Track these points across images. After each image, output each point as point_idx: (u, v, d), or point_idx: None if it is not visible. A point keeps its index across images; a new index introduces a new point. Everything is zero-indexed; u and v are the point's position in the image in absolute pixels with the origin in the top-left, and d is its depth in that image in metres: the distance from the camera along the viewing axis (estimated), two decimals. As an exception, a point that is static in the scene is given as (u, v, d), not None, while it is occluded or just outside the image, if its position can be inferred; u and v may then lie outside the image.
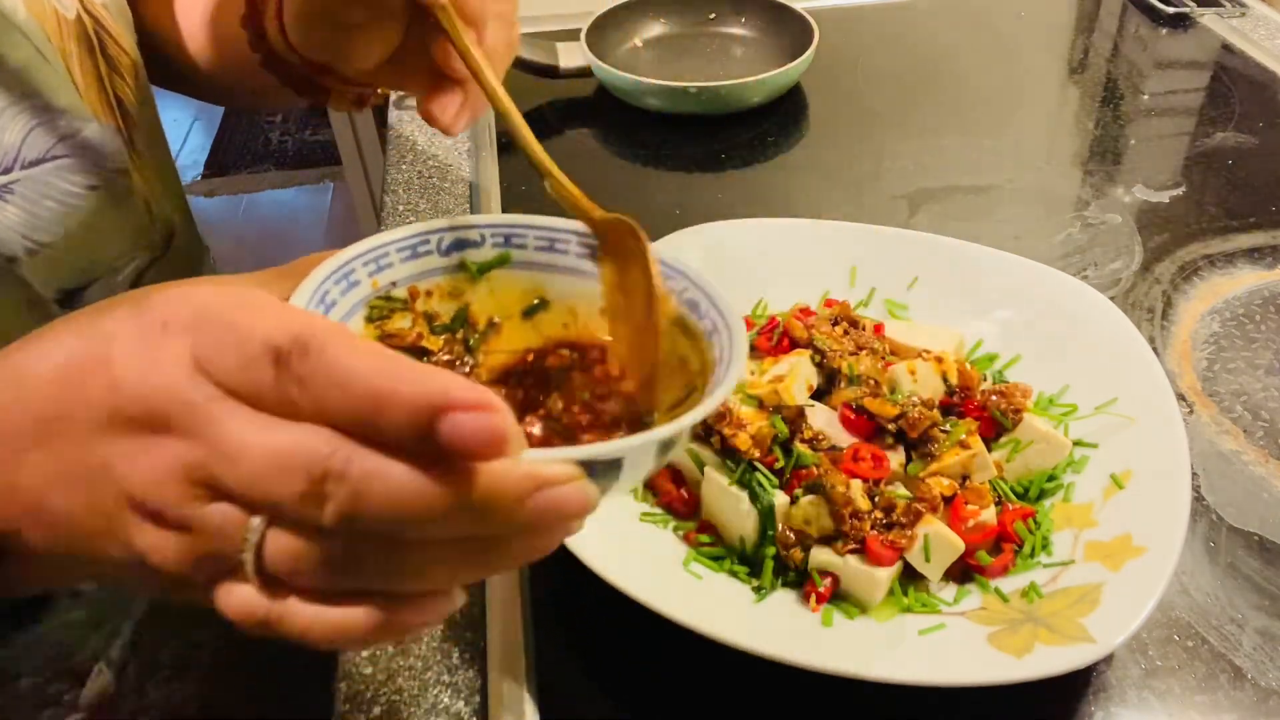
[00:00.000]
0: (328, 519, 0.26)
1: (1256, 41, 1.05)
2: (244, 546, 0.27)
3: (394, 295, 0.40)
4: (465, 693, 0.51)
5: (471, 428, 0.25)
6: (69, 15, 0.51)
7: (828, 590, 0.51)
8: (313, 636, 0.28)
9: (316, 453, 0.26)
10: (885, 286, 0.67)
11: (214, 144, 3.01)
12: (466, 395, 0.25)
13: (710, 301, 0.39)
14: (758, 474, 0.53)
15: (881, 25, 1.13)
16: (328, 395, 0.26)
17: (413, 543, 0.27)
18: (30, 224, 0.49)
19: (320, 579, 0.27)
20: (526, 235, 0.42)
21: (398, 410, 0.25)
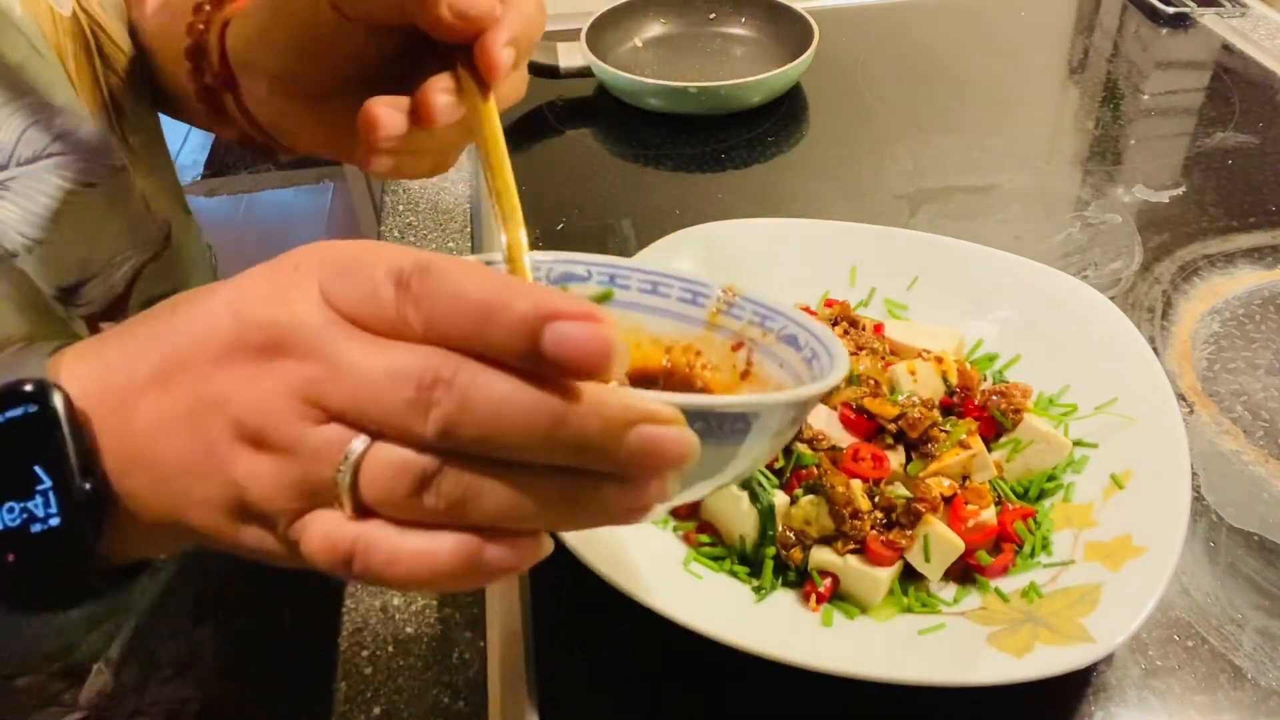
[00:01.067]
0: (431, 428, 0.26)
1: (1256, 41, 1.05)
2: (342, 467, 0.27)
3: None
4: (465, 693, 0.51)
5: (576, 337, 0.25)
6: (64, 12, 0.51)
7: (828, 590, 0.51)
8: (397, 569, 0.27)
9: (427, 364, 0.26)
10: (885, 286, 0.67)
11: (214, 144, 3.01)
12: (574, 306, 0.26)
13: (810, 333, 0.40)
14: (758, 474, 0.53)
15: (881, 25, 1.13)
16: (443, 310, 0.27)
17: (510, 467, 0.27)
18: (27, 220, 0.49)
19: (414, 500, 0.27)
20: (631, 277, 0.43)
21: (507, 320, 0.26)
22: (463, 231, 0.82)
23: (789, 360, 0.40)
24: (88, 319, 0.54)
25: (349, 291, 0.28)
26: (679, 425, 0.27)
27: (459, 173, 0.89)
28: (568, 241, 0.79)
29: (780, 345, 0.41)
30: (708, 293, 0.43)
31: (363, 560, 0.28)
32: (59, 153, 0.50)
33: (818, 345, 0.40)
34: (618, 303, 0.43)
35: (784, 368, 0.41)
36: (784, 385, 0.40)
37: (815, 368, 0.39)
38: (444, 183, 0.88)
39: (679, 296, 0.43)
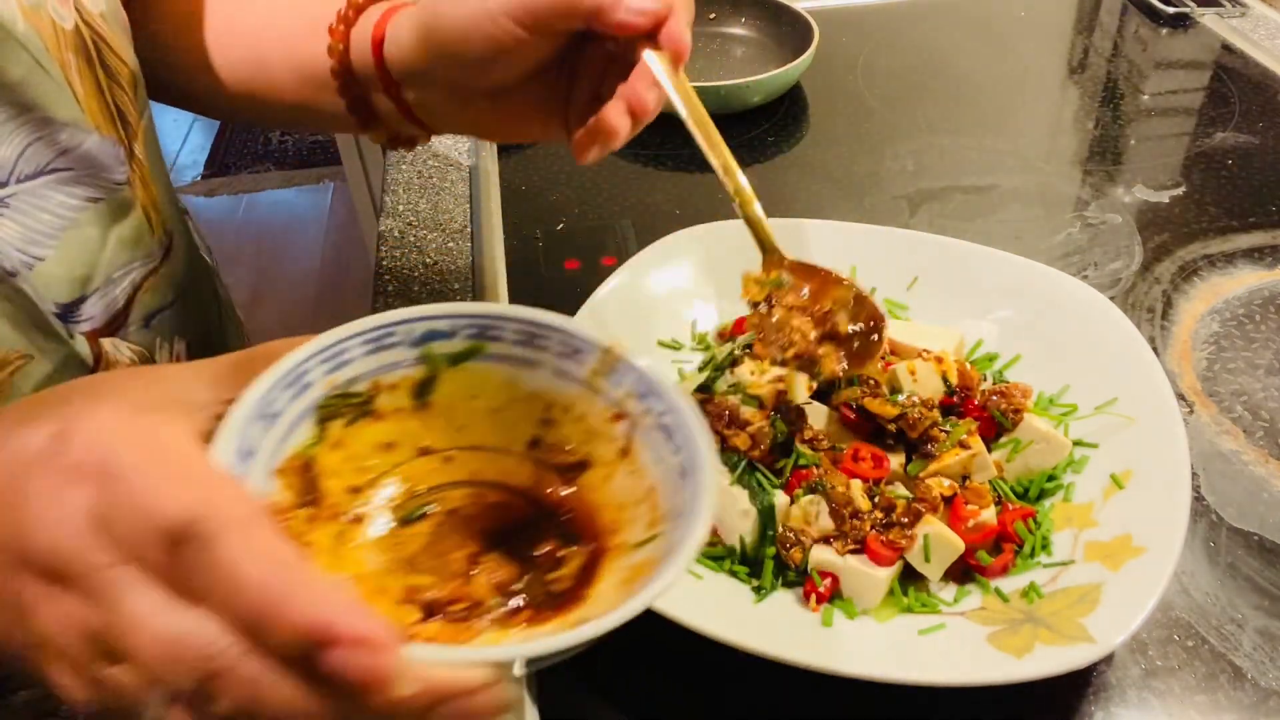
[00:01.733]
0: (219, 712, 0.26)
1: (1256, 41, 1.05)
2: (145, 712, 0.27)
3: (352, 391, 0.38)
4: (465, 693, 0.51)
5: (354, 666, 0.25)
6: (67, 26, 0.51)
7: (828, 590, 0.51)
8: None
9: (207, 648, 0.26)
10: (885, 286, 0.67)
11: (214, 144, 3.01)
12: (352, 629, 0.25)
13: (686, 434, 0.36)
14: (758, 474, 0.53)
15: (881, 25, 1.13)
16: (217, 595, 0.26)
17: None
18: (27, 238, 0.49)
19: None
20: (504, 327, 0.40)
21: (281, 631, 0.25)
22: (463, 231, 0.82)
23: (665, 458, 0.37)
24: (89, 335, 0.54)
25: (124, 530, 0.27)
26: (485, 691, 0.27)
27: (460, 172, 0.89)
28: (568, 241, 0.79)
29: (657, 434, 0.38)
30: (587, 350, 0.39)
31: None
32: (62, 168, 0.50)
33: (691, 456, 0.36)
34: (491, 355, 0.40)
35: (659, 465, 0.37)
36: (656, 487, 0.37)
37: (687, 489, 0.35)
38: (444, 183, 0.88)
39: (557, 350, 0.40)
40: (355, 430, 0.39)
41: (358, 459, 0.39)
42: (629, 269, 0.66)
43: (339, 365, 0.37)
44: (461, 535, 0.39)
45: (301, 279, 2.53)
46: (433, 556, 0.38)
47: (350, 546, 0.37)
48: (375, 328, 0.38)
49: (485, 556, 0.38)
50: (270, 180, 2.87)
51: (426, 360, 0.39)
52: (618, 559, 0.37)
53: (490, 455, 0.41)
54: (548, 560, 0.38)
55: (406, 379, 0.39)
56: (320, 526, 0.37)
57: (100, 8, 0.54)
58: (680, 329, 0.66)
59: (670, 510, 0.36)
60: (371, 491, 0.39)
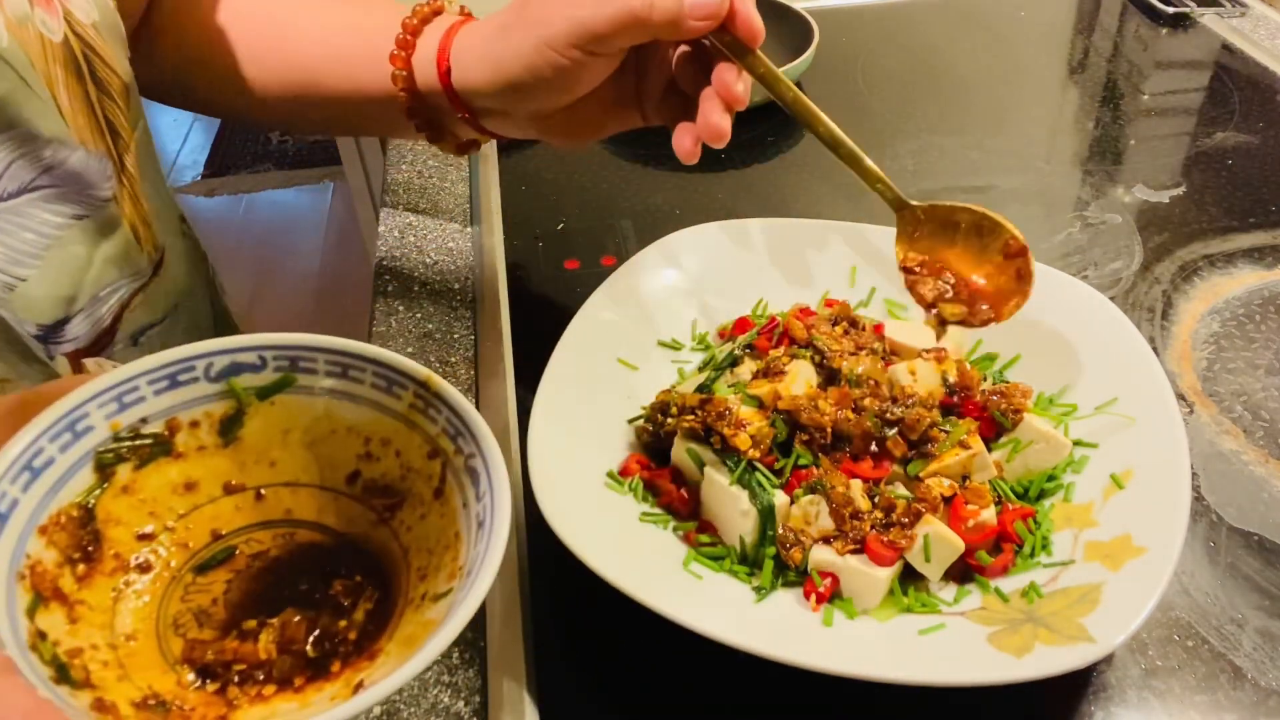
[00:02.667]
0: None
1: (1256, 41, 1.05)
2: None
3: (144, 433, 0.37)
4: (465, 693, 0.51)
5: None
6: (55, 39, 0.50)
7: (828, 590, 0.51)
8: None
9: None
10: (885, 286, 0.67)
11: (214, 144, 3.01)
12: None
13: (490, 482, 0.36)
14: (758, 474, 0.53)
15: (881, 25, 1.13)
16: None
17: None
18: (9, 258, 0.48)
19: None
20: (316, 358, 0.39)
21: None
22: (463, 232, 0.82)
23: (470, 504, 0.36)
24: (71, 356, 0.53)
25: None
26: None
27: (459, 172, 0.89)
28: (568, 241, 0.79)
29: (465, 478, 0.37)
30: (403, 383, 0.38)
31: None
32: (46, 185, 0.49)
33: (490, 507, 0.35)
34: (303, 388, 0.39)
35: (465, 511, 0.36)
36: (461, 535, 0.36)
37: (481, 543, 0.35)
38: (444, 183, 0.88)
39: (372, 383, 0.39)
40: (148, 472, 0.37)
41: (152, 502, 0.38)
42: (629, 269, 0.66)
43: (125, 406, 0.36)
44: (260, 584, 0.38)
45: (301, 279, 2.53)
46: (225, 608, 0.37)
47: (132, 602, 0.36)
48: (167, 364, 0.36)
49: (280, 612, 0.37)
50: (270, 180, 2.87)
51: (231, 394, 0.38)
52: (416, 612, 0.36)
53: (306, 491, 0.40)
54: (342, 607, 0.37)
55: (209, 415, 0.38)
56: (96, 582, 0.35)
57: (93, 18, 0.53)
58: (680, 329, 0.66)
59: (466, 564, 0.35)
60: (165, 536, 0.38)
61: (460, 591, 0.34)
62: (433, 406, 0.38)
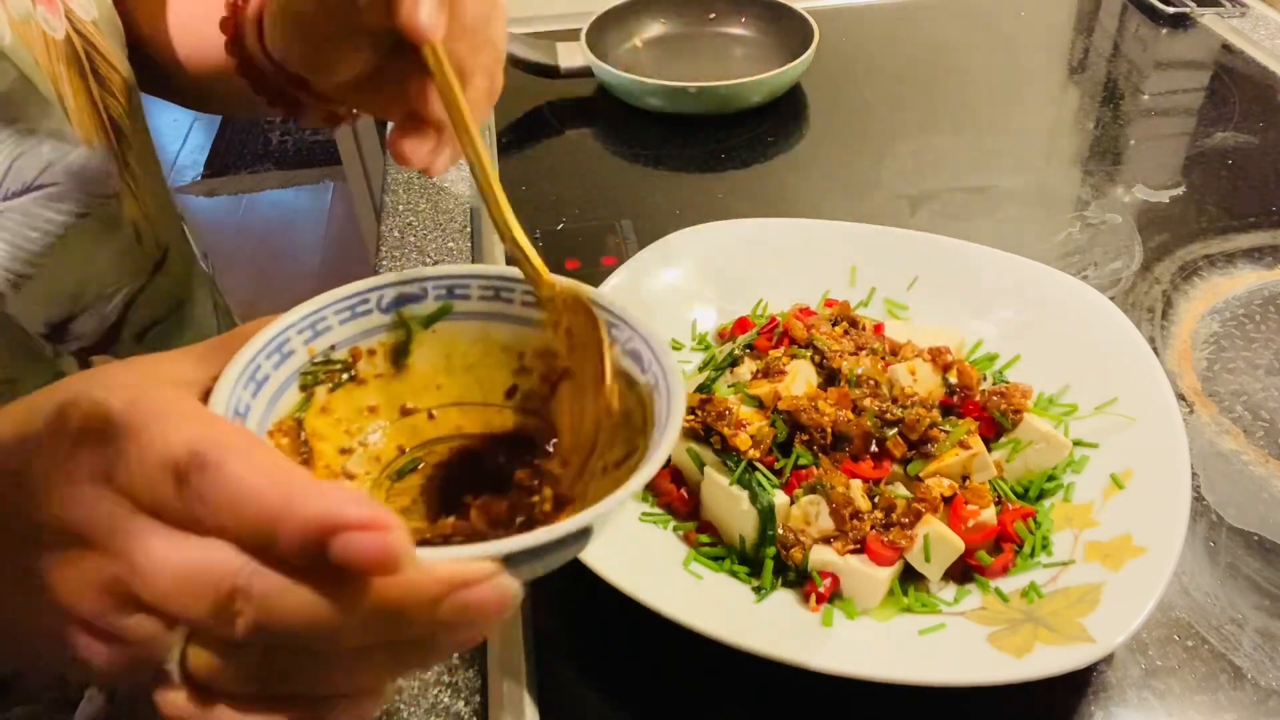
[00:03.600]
0: (240, 633, 0.26)
1: (1256, 41, 1.05)
2: (168, 657, 0.27)
3: (334, 358, 0.40)
4: (465, 693, 0.51)
5: (362, 547, 0.25)
6: (58, 36, 0.50)
7: (828, 590, 0.51)
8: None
9: (221, 570, 0.26)
10: (885, 286, 0.67)
11: (214, 144, 3.01)
12: (357, 514, 0.25)
13: (654, 355, 0.38)
14: (758, 474, 0.53)
15: (881, 25, 1.13)
16: (224, 514, 0.26)
17: (333, 651, 0.27)
18: (13, 256, 0.48)
19: (243, 686, 0.28)
20: (470, 285, 0.41)
21: (290, 531, 0.26)
22: (463, 232, 0.82)
23: (636, 380, 0.38)
24: (78, 354, 0.53)
25: (131, 479, 0.27)
26: (494, 578, 0.27)
27: (459, 171, 0.89)
28: (568, 241, 0.79)
29: (627, 360, 0.39)
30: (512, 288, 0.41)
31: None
32: (49, 183, 0.49)
33: (659, 374, 0.37)
34: (458, 314, 0.41)
35: (632, 390, 0.38)
36: (630, 410, 0.38)
37: (658, 404, 0.37)
38: (444, 183, 0.88)
39: (522, 300, 0.41)
40: (340, 395, 0.40)
41: (344, 422, 0.40)
42: (629, 269, 0.66)
43: (318, 334, 0.39)
44: (451, 483, 0.41)
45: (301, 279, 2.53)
46: (426, 505, 0.40)
47: None
48: (347, 296, 0.39)
49: (476, 498, 0.39)
50: (270, 180, 2.87)
51: (400, 324, 0.41)
52: (598, 480, 0.38)
53: (471, 409, 0.43)
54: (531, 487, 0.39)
55: (383, 344, 0.41)
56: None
57: (92, 15, 0.53)
58: (680, 329, 0.66)
59: (643, 423, 0.37)
60: (361, 451, 0.41)
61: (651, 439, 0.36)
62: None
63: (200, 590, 0.26)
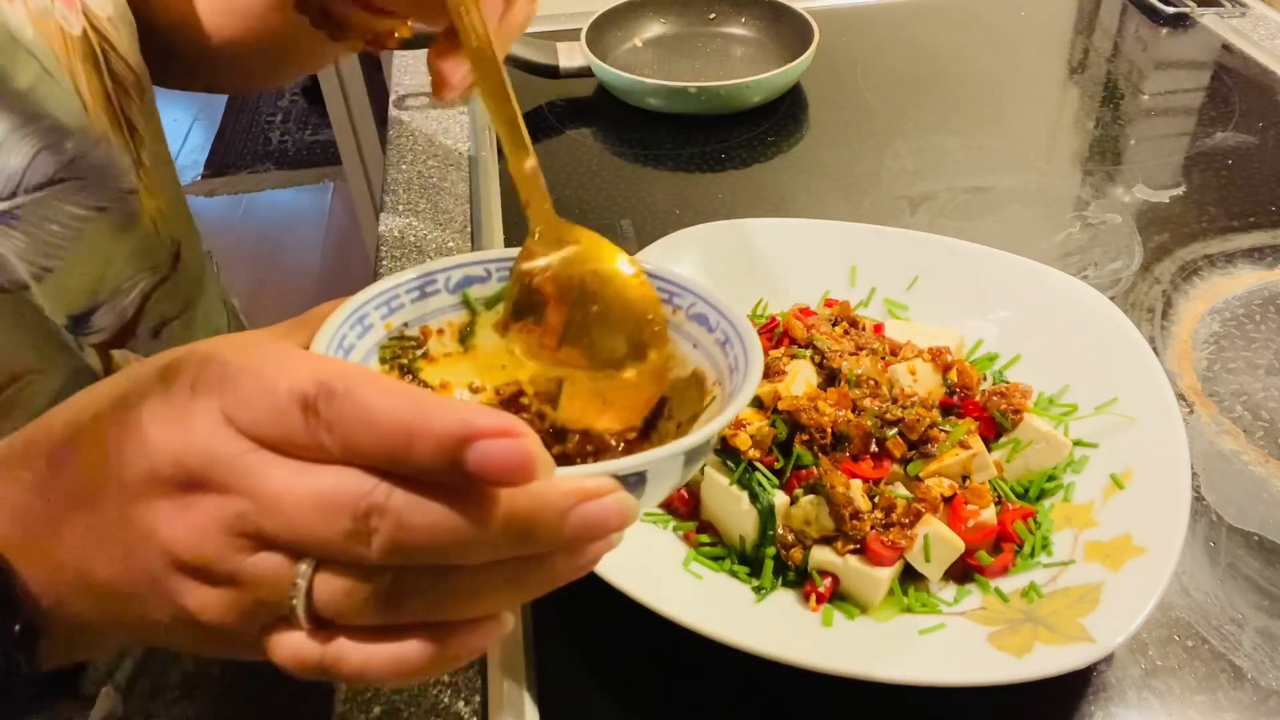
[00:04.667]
0: (375, 553, 0.26)
1: (1256, 41, 1.05)
2: (293, 593, 0.27)
3: (407, 335, 0.41)
4: (465, 693, 0.51)
5: (498, 454, 0.25)
6: (74, 32, 0.50)
7: (828, 590, 0.51)
8: (369, 675, 0.28)
9: (357, 490, 0.26)
10: (885, 286, 0.67)
11: (214, 144, 3.01)
12: (492, 423, 0.25)
13: (719, 313, 0.40)
14: (758, 474, 0.53)
15: (881, 25, 1.13)
16: (358, 435, 0.26)
17: (459, 570, 0.27)
18: (35, 249, 0.48)
19: (371, 615, 0.27)
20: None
21: (426, 443, 0.25)
22: (463, 232, 0.82)
23: (702, 341, 0.40)
24: (98, 347, 0.53)
25: (255, 415, 0.27)
26: (615, 494, 0.28)
27: (459, 172, 0.89)
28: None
29: (691, 324, 0.41)
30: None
31: (333, 672, 0.28)
32: (70, 177, 0.49)
33: (730, 329, 0.39)
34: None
35: (698, 348, 0.40)
36: (702, 367, 0.40)
37: (730, 355, 0.39)
38: (444, 182, 0.88)
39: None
40: (415, 370, 0.42)
41: None
42: (629, 269, 0.66)
43: (392, 310, 0.40)
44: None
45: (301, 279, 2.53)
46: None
47: None
48: (417, 276, 0.41)
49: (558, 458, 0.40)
50: (270, 180, 2.87)
51: (466, 305, 0.42)
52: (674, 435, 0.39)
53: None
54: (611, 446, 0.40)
55: (450, 324, 0.42)
56: None
57: (108, 11, 0.53)
58: (680, 329, 0.66)
59: (718, 378, 0.39)
60: None
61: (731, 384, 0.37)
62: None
63: (335, 511, 0.26)
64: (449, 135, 0.94)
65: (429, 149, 0.92)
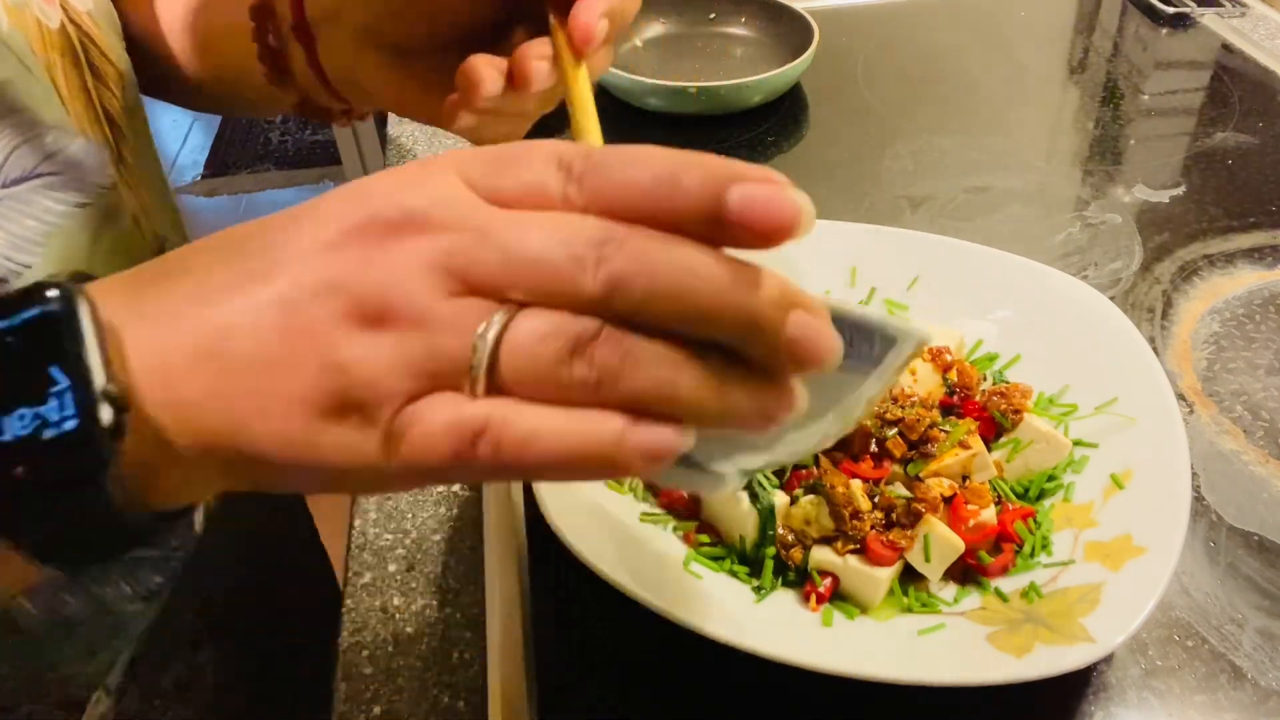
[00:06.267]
0: (597, 283, 0.24)
1: (1256, 41, 1.05)
2: (482, 336, 0.24)
3: None
4: (465, 693, 0.51)
5: (764, 195, 0.24)
6: (52, 25, 0.50)
7: (828, 590, 0.51)
8: (533, 449, 0.25)
9: (596, 225, 0.24)
10: (885, 286, 0.67)
11: (214, 144, 3.01)
12: (758, 170, 0.24)
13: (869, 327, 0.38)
14: (758, 474, 0.53)
15: (881, 25, 1.13)
16: (617, 178, 0.25)
17: (669, 341, 0.25)
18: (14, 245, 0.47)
19: (562, 369, 0.25)
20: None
21: (687, 183, 0.24)
22: (463, 231, 0.82)
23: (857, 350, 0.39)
24: None
25: (500, 180, 0.25)
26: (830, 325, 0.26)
27: (459, 173, 0.89)
28: (568, 241, 0.79)
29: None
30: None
31: (494, 439, 0.25)
32: (49, 172, 0.49)
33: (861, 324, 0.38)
34: None
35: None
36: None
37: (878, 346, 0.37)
38: (444, 183, 0.88)
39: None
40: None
41: None
42: (629, 269, 0.66)
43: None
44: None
45: (301, 279, 2.53)
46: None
47: None
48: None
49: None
50: (270, 180, 2.87)
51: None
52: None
53: None
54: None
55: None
56: None
57: (88, 5, 0.53)
58: (680, 329, 0.66)
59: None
60: None
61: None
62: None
63: (566, 244, 0.24)
64: (449, 135, 0.94)
65: (429, 149, 0.92)
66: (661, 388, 0.25)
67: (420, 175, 0.26)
